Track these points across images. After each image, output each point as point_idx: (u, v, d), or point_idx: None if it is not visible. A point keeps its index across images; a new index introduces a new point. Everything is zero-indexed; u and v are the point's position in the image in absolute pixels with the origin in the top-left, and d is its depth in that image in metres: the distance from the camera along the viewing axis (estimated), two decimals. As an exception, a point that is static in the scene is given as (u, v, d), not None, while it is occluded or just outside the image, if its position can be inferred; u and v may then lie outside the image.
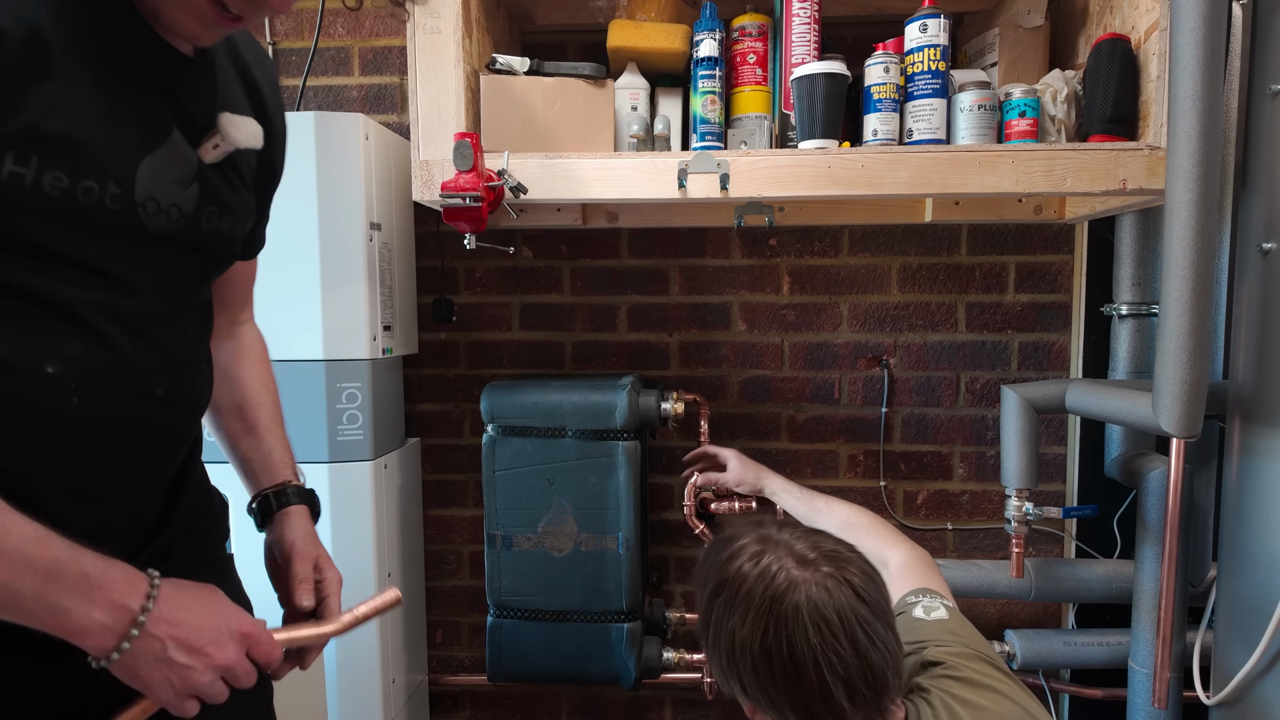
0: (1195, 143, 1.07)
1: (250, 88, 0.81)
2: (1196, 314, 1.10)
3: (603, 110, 1.35)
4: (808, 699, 0.69)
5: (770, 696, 0.71)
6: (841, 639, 0.68)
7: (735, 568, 0.74)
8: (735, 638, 0.71)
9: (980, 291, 1.66)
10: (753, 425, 1.71)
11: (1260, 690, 1.17)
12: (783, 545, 0.74)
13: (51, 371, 0.63)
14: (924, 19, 1.26)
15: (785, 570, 0.71)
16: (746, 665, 0.71)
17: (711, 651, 0.76)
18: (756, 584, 0.72)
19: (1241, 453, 1.21)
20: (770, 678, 0.70)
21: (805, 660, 0.68)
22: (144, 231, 0.68)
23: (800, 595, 0.69)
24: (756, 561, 0.73)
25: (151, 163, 0.68)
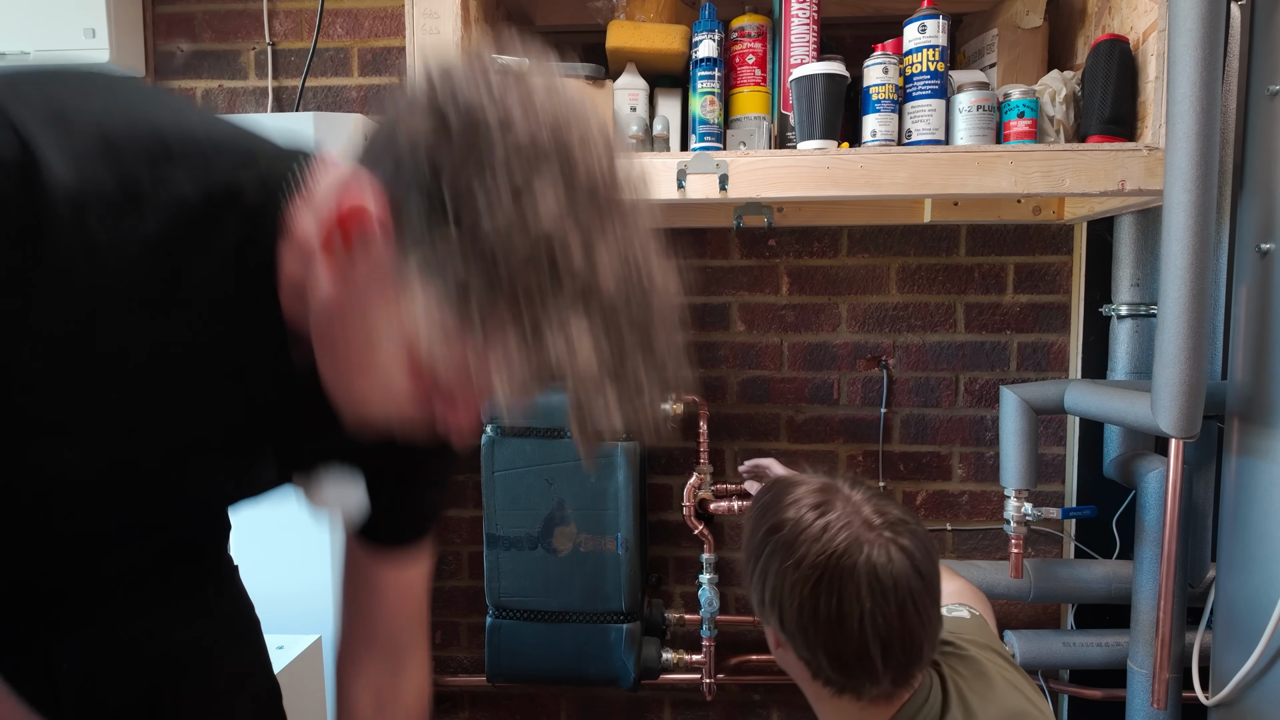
0: (1194, 143, 1.07)
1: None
2: (1195, 314, 1.11)
3: (601, 111, 1.35)
4: (842, 647, 0.72)
5: (808, 637, 0.73)
6: (891, 605, 0.71)
7: (799, 512, 0.75)
8: (787, 578, 0.73)
9: (979, 292, 1.66)
10: (752, 426, 1.71)
11: (1259, 691, 1.17)
12: (851, 503, 0.76)
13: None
14: (923, 20, 1.26)
15: (851, 528, 0.73)
16: (792, 605, 0.73)
17: (756, 582, 0.77)
18: (820, 534, 0.73)
19: (1240, 453, 1.21)
20: (814, 621, 0.72)
21: (851, 615, 0.71)
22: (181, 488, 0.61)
23: (861, 555, 0.71)
24: (822, 512, 0.74)
25: (222, 473, 0.61)
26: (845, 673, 0.73)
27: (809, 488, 0.78)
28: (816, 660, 0.74)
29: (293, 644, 1.24)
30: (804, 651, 0.74)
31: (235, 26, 1.71)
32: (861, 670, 0.72)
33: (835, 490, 0.77)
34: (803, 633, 0.73)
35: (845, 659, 0.72)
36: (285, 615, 1.38)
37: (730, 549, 1.74)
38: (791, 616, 0.73)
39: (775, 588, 0.74)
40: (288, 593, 1.42)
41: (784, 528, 0.75)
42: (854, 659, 0.72)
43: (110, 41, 1.60)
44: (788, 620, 0.74)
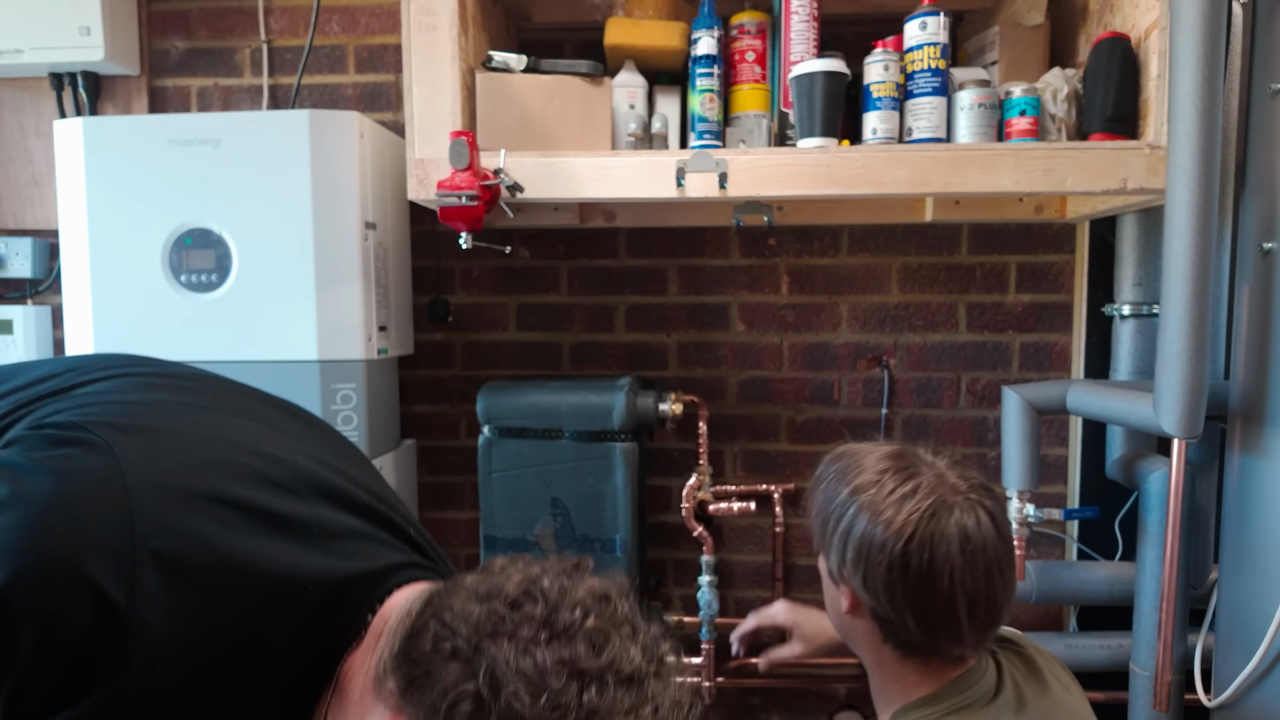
0: (1195, 141, 1.07)
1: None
2: (1197, 314, 1.10)
3: (600, 108, 1.34)
4: (929, 606, 0.73)
5: (891, 595, 0.74)
6: (979, 564, 0.73)
7: (885, 475, 0.77)
8: (875, 536, 0.74)
9: (981, 291, 1.65)
10: (752, 426, 1.70)
11: (1261, 693, 1.16)
12: (935, 468, 0.78)
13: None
14: (924, 17, 1.25)
15: (938, 491, 0.75)
16: (880, 564, 0.74)
17: (836, 543, 0.78)
18: (910, 495, 0.75)
19: (1243, 453, 1.20)
20: (903, 578, 0.73)
21: (942, 574, 0.72)
22: None
23: (954, 515, 0.74)
24: (909, 475, 0.76)
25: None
26: (929, 632, 0.74)
27: (884, 452, 0.80)
28: (901, 619, 0.74)
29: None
30: (888, 611, 0.75)
31: (230, 24, 1.70)
32: (946, 630, 0.74)
33: (914, 455, 0.79)
34: (889, 591, 0.74)
35: (932, 618, 0.74)
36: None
37: (730, 551, 1.73)
38: (879, 575, 0.74)
39: (861, 547, 0.75)
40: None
41: (869, 489, 0.76)
42: (940, 618, 0.74)
43: (105, 39, 1.59)
44: (873, 579, 0.74)
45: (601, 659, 0.48)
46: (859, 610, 0.79)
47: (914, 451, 0.81)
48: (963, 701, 0.76)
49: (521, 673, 0.46)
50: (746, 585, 1.73)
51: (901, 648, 0.78)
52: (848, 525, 0.76)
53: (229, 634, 0.52)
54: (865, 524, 0.75)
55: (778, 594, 1.71)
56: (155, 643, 0.48)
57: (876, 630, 0.78)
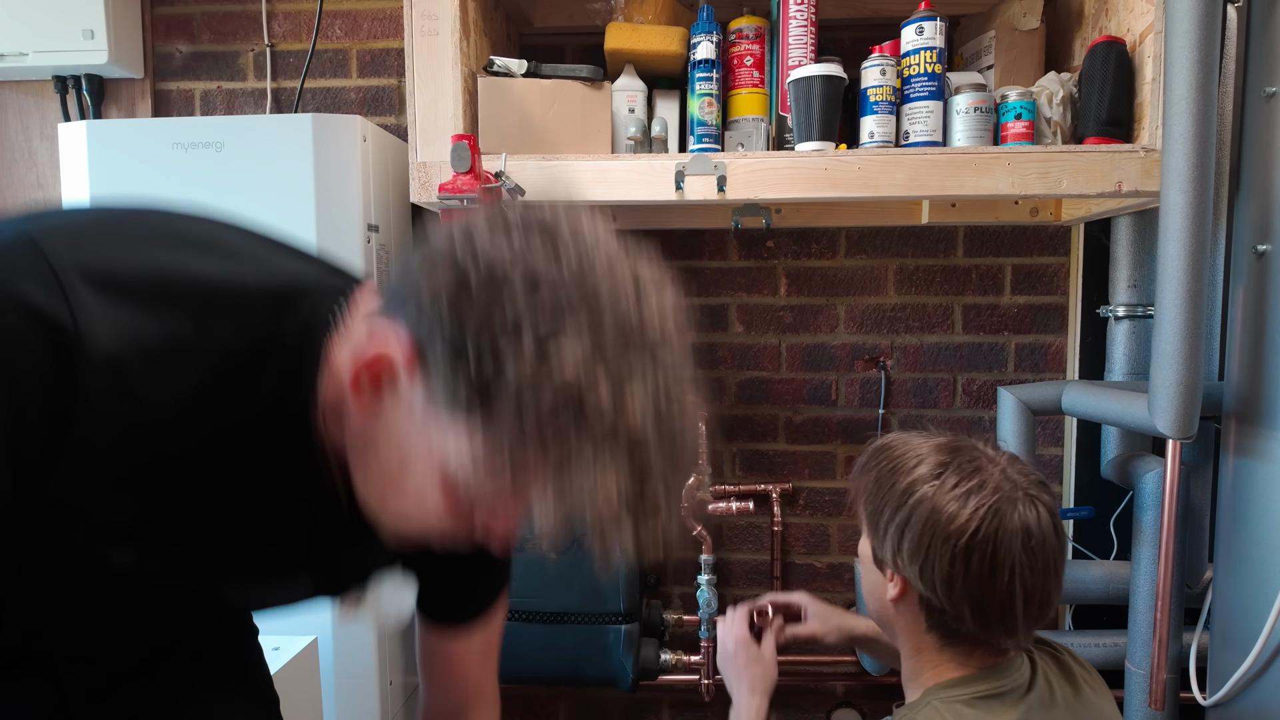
0: (1190, 145, 1.08)
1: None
2: (1192, 315, 1.11)
3: (600, 112, 1.35)
4: (988, 599, 0.74)
5: (950, 587, 0.75)
6: (1038, 559, 0.74)
7: (946, 469, 0.77)
8: (938, 529, 0.74)
9: (977, 293, 1.66)
10: (750, 426, 1.71)
11: (1256, 691, 1.17)
12: (996, 462, 0.78)
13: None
14: (920, 22, 1.26)
15: (1002, 487, 0.75)
16: (942, 557, 0.74)
17: (893, 533, 0.78)
18: (976, 490, 0.75)
19: (1237, 454, 1.21)
20: (965, 571, 0.74)
21: (1003, 569, 0.73)
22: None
23: (1017, 511, 0.75)
24: (974, 469, 0.77)
25: (259, 584, 0.63)
26: (983, 624, 0.75)
27: (940, 444, 0.80)
28: (956, 611, 0.75)
29: (289, 645, 1.24)
30: (943, 602, 0.75)
31: (234, 28, 1.71)
32: (1000, 623, 0.75)
33: (973, 448, 0.80)
34: (948, 583, 0.74)
35: (988, 611, 0.75)
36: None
37: (728, 550, 1.74)
38: (940, 567, 0.74)
39: (922, 539, 0.75)
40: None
41: (930, 481, 0.77)
42: (996, 611, 0.75)
43: (109, 43, 1.60)
44: (932, 571, 0.75)
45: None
46: (906, 598, 0.79)
47: (970, 444, 0.81)
48: (996, 689, 0.77)
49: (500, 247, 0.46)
50: (745, 584, 1.75)
51: (947, 637, 0.78)
52: (906, 517, 0.77)
53: (185, 350, 0.49)
54: (927, 517, 0.75)
55: (776, 593, 1.72)
56: (109, 360, 0.47)
57: (921, 619, 0.79)
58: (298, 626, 1.38)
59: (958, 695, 0.77)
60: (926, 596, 0.77)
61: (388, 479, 0.52)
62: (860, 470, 0.86)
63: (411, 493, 0.51)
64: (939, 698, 0.77)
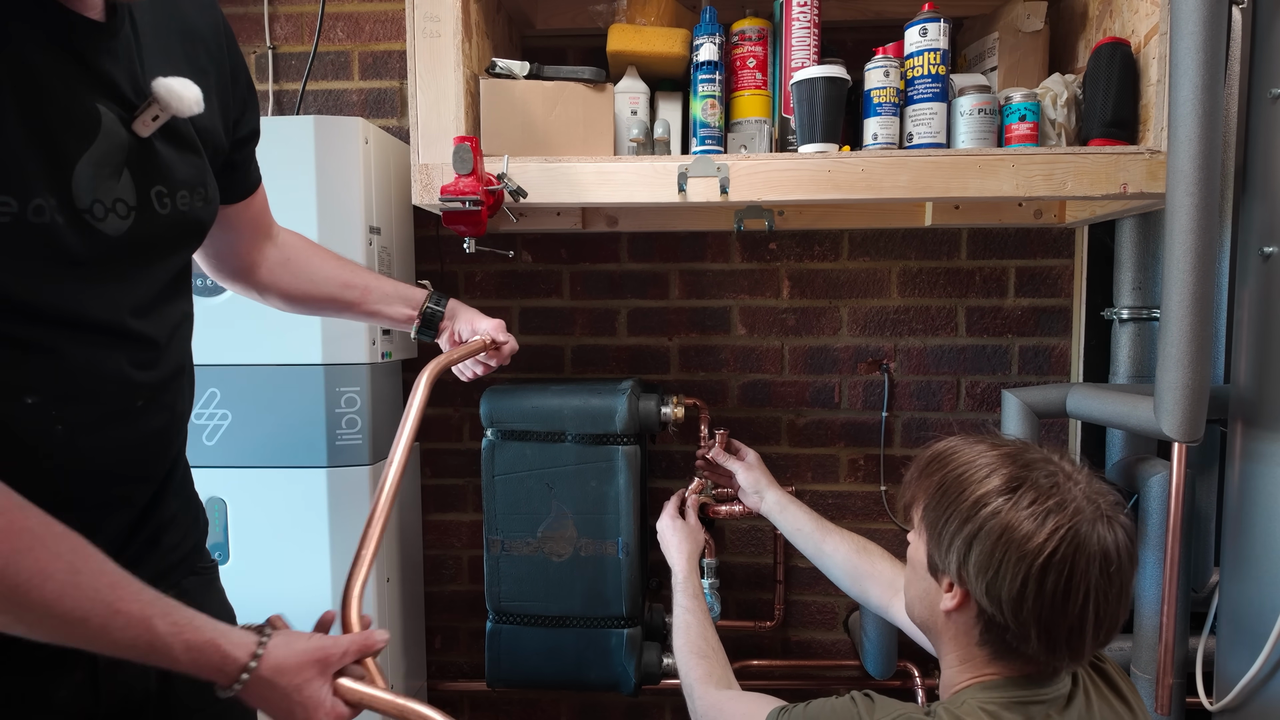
0: (1195, 146, 1.07)
1: (190, 37, 0.74)
2: (1197, 318, 1.10)
3: (602, 114, 1.35)
4: (1057, 623, 0.71)
5: (1018, 607, 0.71)
6: (1114, 583, 0.72)
7: (1021, 480, 0.74)
8: (1013, 548, 0.71)
9: (980, 296, 1.65)
10: (753, 429, 1.70)
11: (1263, 696, 1.16)
12: (1073, 479, 0.75)
13: (31, 402, 0.62)
14: (924, 23, 1.26)
15: (1082, 509, 0.73)
16: (1014, 577, 0.71)
17: (959, 545, 0.75)
18: (1055, 507, 0.72)
19: (1243, 457, 1.21)
20: (1037, 593, 0.71)
21: (1077, 592, 0.71)
22: (102, 239, 0.64)
23: (1095, 535, 0.72)
24: (1051, 486, 0.74)
25: (89, 160, 0.62)
26: (1050, 647, 0.73)
27: (1010, 453, 0.77)
28: (1022, 631, 0.72)
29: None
30: (1008, 620, 0.72)
31: (236, 30, 1.68)
32: (1068, 646, 0.73)
33: (1047, 461, 0.77)
34: (1016, 603, 0.71)
35: (1056, 634, 0.72)
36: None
37: (731, 553, 1.73)
38: (1009, 586, 0.71)
39: (993, 556, 0.72)
40: (286, 597, 1.41)
41: (1002, 495, 0.73)
42: (1065, 635, 0.72)
43: (111, 45, 1.60)
44: (1000, 588, 0.72)
45: None
46: (963, 610, 0.76)
47: (1044, 456, 0.77)
48: (1035, 696, 0.75)
49: None
50: (748, 587, 1.74)
51: (1002, 652, 0.76)
52: (975, 529, 0.73)
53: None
54: (1000, 533, 0.72)
55: (779, 596, 1.71)
56: None
57: (976, 632, 0.76)
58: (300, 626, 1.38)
59: (996, 699, 0.75)
60: (990, 613, 0.74)
61: None
62: (920, 474, 0.83)
63: None
64: (978, 699, 0.75)
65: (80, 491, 0.68)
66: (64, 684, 0.68)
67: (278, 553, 1.42)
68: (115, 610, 0.59)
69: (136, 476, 0.74)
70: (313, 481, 1.42)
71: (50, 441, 0.64)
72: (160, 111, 0.67)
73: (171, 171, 0.70)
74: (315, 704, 0.69)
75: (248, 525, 1.44)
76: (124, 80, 0.66)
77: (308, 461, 1.42)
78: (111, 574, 0.60)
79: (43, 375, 0.63)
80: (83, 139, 0.62)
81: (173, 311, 0.76)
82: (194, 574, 0.85)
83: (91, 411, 0.66)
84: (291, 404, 1.41)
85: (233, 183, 0.87)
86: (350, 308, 1.07)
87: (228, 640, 0.65)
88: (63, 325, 0.63)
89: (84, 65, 0.62)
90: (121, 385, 0.69)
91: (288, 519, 1.42)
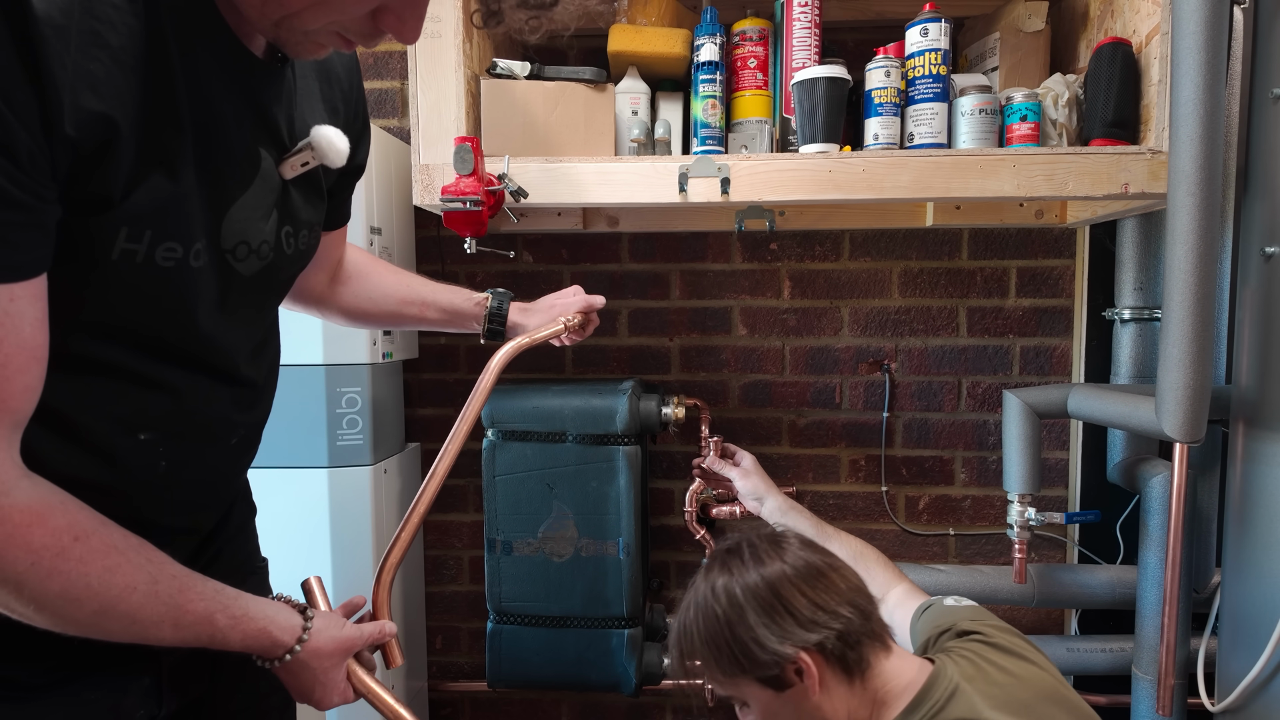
0: (1197, 146, 1.07)
1: (328, 77, 0.76)
2: (1199, 318, 1.10)
3: (603, 115, 1.35)
4: (836, 593, 0.82)
5: (821, 612, 0.79)
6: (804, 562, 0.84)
7: (718, 561, 0.85)
8: (771, 594, 0.80)
9: (981, 296, 1.65)
10: (754, 430, 1.70)
11: (1265, 697, 1.16)
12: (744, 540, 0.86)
13: (144, 439, 0.64)
14: (925, 23, 1.26)
15: (753, 539, 0.86)
16: (795, 602, 0.79)
17: (771, 642, 0.79)
18: (730, 554, 0.85)
19: (1245, 458, 1.20)
20: (811, 597, 0.80)
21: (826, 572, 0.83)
22: (238, 280, 0.66)
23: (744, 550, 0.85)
24: (733, 549, 0.86)
25: (242, 203, 0.64)
26: (863, 616, 0.80)
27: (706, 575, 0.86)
28: (845, 624, 0.78)
29: (293, 649, 1.24)
30: (831, 628, 0.78)
31: (237, 31, 1.71)
32: (866, 602, 0.82)
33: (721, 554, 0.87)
34: (819, 616, 0.78)
35: (857, 601, 0.81)
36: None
37: (732, 554, 1.73)
38: (803, 615, 0.78)
39: (773, 613, 0.79)
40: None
41: (698, 599, 0.83)
42: (864, 599, 0.82)
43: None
44: (804, 624, 0.78)
45: None
46: (818, 668, 0.77)
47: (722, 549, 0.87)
48: (935, 703, 0.76)
49: None
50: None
51: (857, 665, 0.79)
52: (765, 619, 0.79)
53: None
54: (756, 597, 0.80)
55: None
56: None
57: (839, 672, 0.79)
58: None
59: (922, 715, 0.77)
60: (828, 644, 0.77)
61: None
62: (688, 663, 0.86)
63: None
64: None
65: (165, 519, 0.70)
66: (132, 690, 0.70)
67: (278, 553, 1.42)
68: (184, 611, 0.63)
69: (216, 504, 0.78)
70: (314, 482, 1.42)
71: (151, 474, 0.66)
72: (312, 159, 0.69)
73: (300, 213, 0.73)
74: (333, 685, 0.76)
75: (272, 527, 1.44)
76: (283, 123, 0.67)
77: (308, 462, 1.42)
78: (181, 577, 0.64)
79: (159, 414, 0.65)
80: (243, 183, 0.64)
81: (271, 353, 0.80)
82: (253, 574, 0.90)
83: (193, 449, 0.69)
84: (292, 404, 1.41)
85: (330, 210, 0.85)
86: (411, 321, 1.09)
87: (277, 626, 0.70)
88: (189, 367, 0.65)
89: (254, 107, 0.64)
90: (224, 425, 0.72)
91: (289, 519, 1.42)
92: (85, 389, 0.60)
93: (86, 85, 0.51)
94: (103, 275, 0.56)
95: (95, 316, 0.58)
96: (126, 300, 0.59)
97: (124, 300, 0.58)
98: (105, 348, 0.60)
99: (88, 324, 0.58)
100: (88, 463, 0.62)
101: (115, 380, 0.61)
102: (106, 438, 0.62)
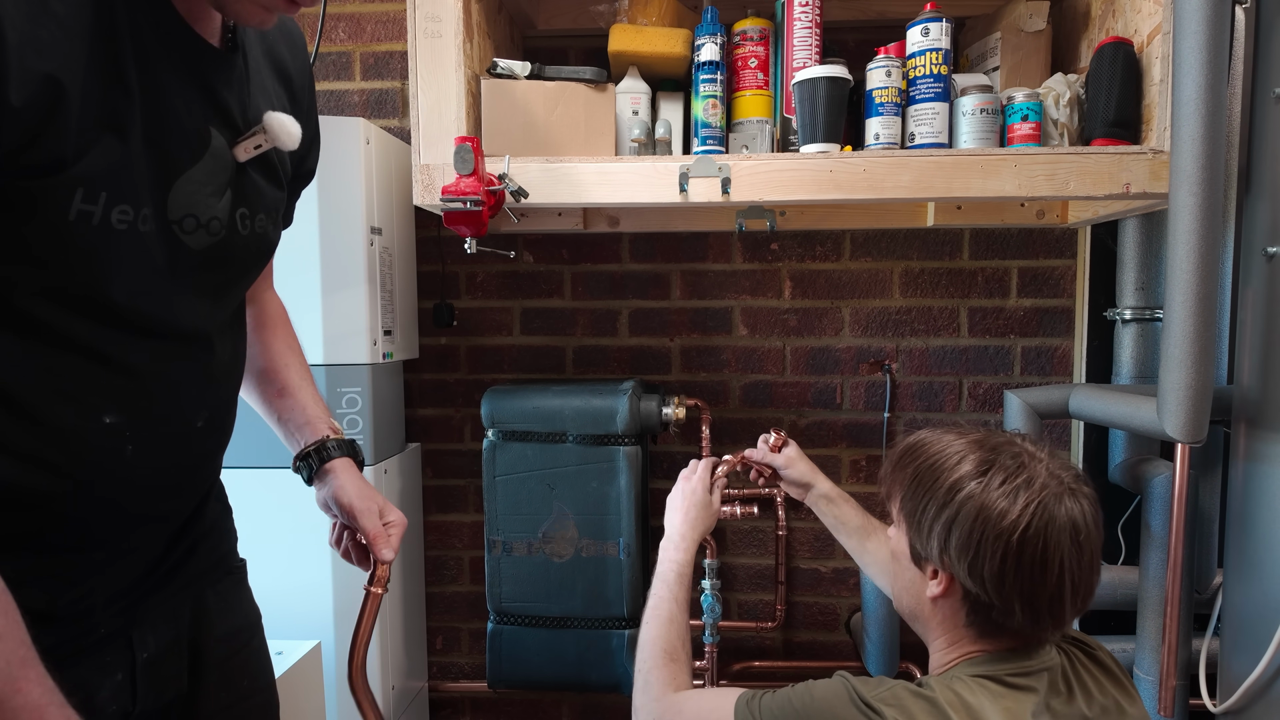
0: (1199, 146, 1.07)
1: (283, 76, 0.79)
2: (1201, 318, 1.10)
3: (604, 114, 1.35)
4: (1038, 594, 0.76)
5: (1000, 583, 0.76)
6: (1086, 553, 0.77)
7: (990, 464, 0.78)
8: (990, 527, 0.75)
9: (983, 296, 1.65)
10: (754, 430, 1.70)
11: (1267, 698, 1.16)
12: (1038, 458, 0.79)
13: (109, 422, 0.64)
14: (926, 23, 1.26)
15: (1049, 485, 0.77)
16: (993, 553, 0.75)
17: (939, 530, 0.78)
18: (1024, 484, 0.76)
19: (1247, 458, 1.20)
20: (1016, 567, 0.75)
21: (1054, 562, 0.75)
22: (184, 252, 0.67)
23: (1064, 505, 0.76)
24: (1018, 466, 0.78)
25: (190, 177, 0.66)
26: (1034, 618, 0.77)
27: (977, 440, 0.81)
28: (1006, 605, 0.76)
29: (292, 649, 1.24)
30: (992, 597, 0.76)
31: (238, 31, 1.71)
32: (1050, 615, 0.77)
33: (1013, 444, 0.81)
34: (998, 579, 0.76)
35: (1038, 604, 0.76)
36: (284, 621, 1.37)
37: (733, 554, 1.73)
38: (989, 564, 0.75)
39: (971, 537, 0.76)
40: (287, 598, 1.41)
41: (974, 479, 0.78)
42: (1046, 604, 0.76)
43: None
44: (982, 567, 0.76)
45: None
46: (949, 594, 0.80)
47: (1008, 438, 0.81)
48: (1023, 669, 0.78)
49: None
50: (749, 588, 1.74)
51: (988, 630, 0.79)
52: (953, 514, 0.77)
53: None
54: (976, 514, 0.76)
55: (780, 597, 1.71)
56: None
57: (963, 613, 0.80)
58: (301, 631, 1.38)
59: (986, 671, 0.77)
60: (974, 593, 0.77)
61: None
62: (894, 468, 0.87)
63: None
64: (968, 672, 0.78)
65: (133, 506, 0.70)
66: (105, 685, 0.70)
67: (278, 553, 1.42)
68: (17, 689, 0.56)
69: (186, 493, 0.77)
70: (314, 482, 1.42)
71: (117, 460, 0.66)
72: (264, 141, 0.71)
73: (260, 198, 0.75)
74: None
75: (248, 526, 1.43)
76: (235, 107, 0.70)
77: (309, 462, 1.42)
78: (26, 649, 0.57)
79: (122, 393, 0.65)
80: (192, 157, 0.66)
81: (238, 335, 0.80)
82: (229, 574, 0.87)
83: (158, 431, 0.69)
84: (293, 404, 1.41)
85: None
86: (256, 396, 0.93)
87: None
88: (151, 335, 0.66)
89: (205, 89, 0.67)
90: (191, 403, 0.72)
91: (288, 519, 1.42)
92: (48, 367, 0.61)
93: (33, 49, 0.53)
94: (61, 238, 0.58)
95: (57, 282, 0.59)
96: (86, 264, 0.60)
97: (83, 264, 0.59)
98: (67, 317, 0.60)
99: (51, 290, 0.59)
100: (50, 444, 0.61)
101: (77, 355, 0.62)
102: (71, 418, 0.62)
